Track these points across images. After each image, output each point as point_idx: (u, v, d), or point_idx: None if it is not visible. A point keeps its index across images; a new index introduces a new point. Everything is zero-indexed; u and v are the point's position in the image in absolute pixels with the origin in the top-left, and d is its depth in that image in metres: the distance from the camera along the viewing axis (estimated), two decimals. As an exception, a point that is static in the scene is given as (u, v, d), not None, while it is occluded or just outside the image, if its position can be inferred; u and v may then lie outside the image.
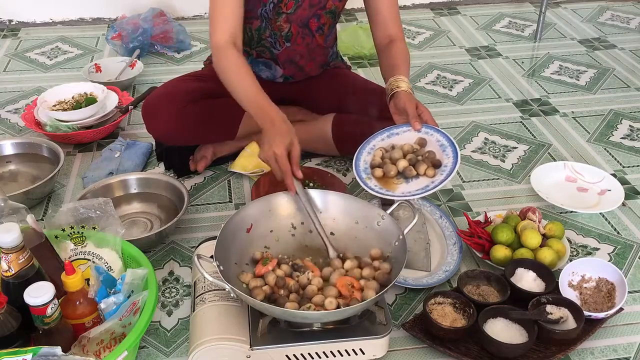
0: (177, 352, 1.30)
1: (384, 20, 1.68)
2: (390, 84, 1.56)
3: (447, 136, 1.42)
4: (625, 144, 1.99)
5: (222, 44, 1.52)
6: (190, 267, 1.50)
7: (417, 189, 1.37)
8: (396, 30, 1.68)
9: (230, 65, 1.51)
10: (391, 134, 1.49)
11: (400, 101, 1.50)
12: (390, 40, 1.68)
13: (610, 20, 2.91)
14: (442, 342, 1.26)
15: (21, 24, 2.87)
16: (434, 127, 1.46)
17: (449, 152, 1.40)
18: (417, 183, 1.40)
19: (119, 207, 1.64)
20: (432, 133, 1.45)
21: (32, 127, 1.94)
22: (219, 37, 1.52)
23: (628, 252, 1.56)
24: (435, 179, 1.38)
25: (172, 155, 1.83)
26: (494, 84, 2.35)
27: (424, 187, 1.37)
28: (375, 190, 1.39)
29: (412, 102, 1.50)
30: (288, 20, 1.65)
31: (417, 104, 1.50)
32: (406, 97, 1.50)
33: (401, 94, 1.51)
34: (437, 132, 1.44)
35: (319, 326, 1.22)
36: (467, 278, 1.38)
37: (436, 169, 1.40)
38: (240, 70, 1.50)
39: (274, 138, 1.35)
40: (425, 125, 1.47)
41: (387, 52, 1.67)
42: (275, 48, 1.71)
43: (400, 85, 1.54)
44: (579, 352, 1.29)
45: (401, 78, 1.56)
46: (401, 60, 1.64)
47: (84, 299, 1.18)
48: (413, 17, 2.94)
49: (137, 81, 2.36)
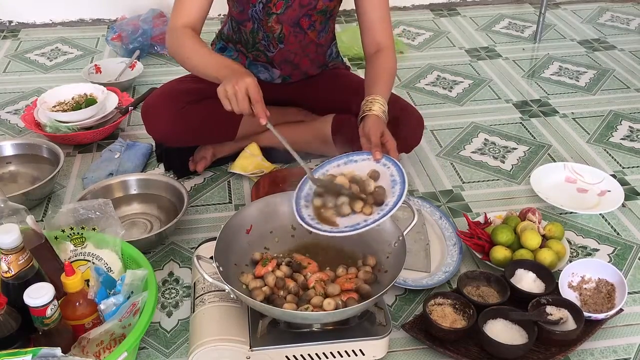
0: (177, 353, 1.30)
1: (372, 26, 1.62)
2: (364, 104, 1.50)
3: (402, 172, 1.30)
4: (625, 145, 1.99)
5: (178, 26, 1.53)
6: (190, 268, 1.50)
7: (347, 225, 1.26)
8: (384, 38, 1.63)
9: (184, 42, 1.51)
10: (349, 160, 1.38)
11: (366, 126, 1.42)
12: (378, 48, 1.63)
13: (610, 21, 2.91)
14: (442, 343, 1.26)
15: (21, 25, 2.87)
16: (393, 160, 1.34)
17: (397, 189, 1.28)
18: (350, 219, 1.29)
19: (119, 208, 1.64)
20: (389, 166, 1.33)
21: (32, 128, 1.94)
22: (175, 21, 1.54)
23: (628, 253, 1.56)
24: (369, 218, 1.26)
25: (171, 156, 1.83)
26: (493, 84, 2.35)
27: (353, 225, 1.25)
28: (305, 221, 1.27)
29: (378, 129, 1.41)
30: (279, 21, 1.65)
31: (383, 131, 1.41)
32: (373, 123, 1.42)
33: (370, 118, 1.44)
34: (395, 167, 1.32)
35: (318, 327, 1.22)
36: (467, 279, 1.38)
37: (377, 206, 1.28)
38: (195, 46, 1.50)
39: (241, 74, 1.36)
40: (385, 157, 1.35)
41: (371, 64, 1.62)
42: (269, 51, 1.71)
43: (373, 109, 1.46)
44: (579, 353, 1.29)
45: (376, 99, 1.48)
46: (383, 76, 1.57)
47: (83, 300, 1.18)
48: (413, 18, 2.94)
49: (137, 82, 2.36)
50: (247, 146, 1.83)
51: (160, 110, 1.68)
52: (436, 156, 1.93)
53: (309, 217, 1.29)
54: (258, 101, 1.34)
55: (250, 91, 1.34)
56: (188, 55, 1.52)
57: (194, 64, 1.52)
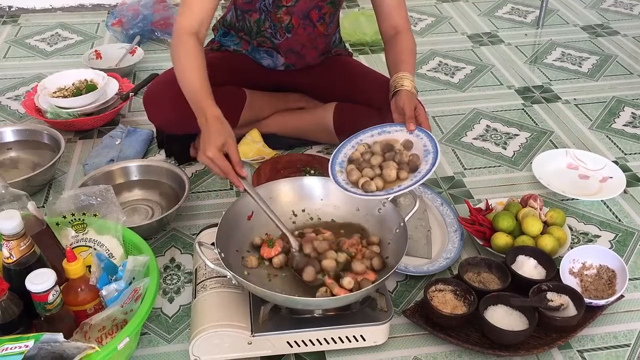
0: (178, 339, 1.30)
1: (389, 11, 1.64)
2: (394, 81, 1.53)
3: (435, 142, 1.37)
4: (627, 131, 1.98)
5: (183, 32, 1.50)
6: (191, 254, 1.51)
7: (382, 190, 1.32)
8: (402, 21, 1.65)
9: (184, 53, 1.49)
10: (382, 131, 1.44)
11: (400, 100, 1.46)
12: (396, 31, 1.65)
13: (613, 6, 2.89)
14: (442, 329, 1.26)
15: (21, 10, 2.85)
16: (425, 131, 1.40)
17: (429, 159, 1.34)
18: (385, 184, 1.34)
19: (120, 195, 1.64)
20: (422, 137, 1.39)
21: (32, 114, 1.94)
22: (182, 24, 1.51)
23: (629, 240, 1.55)
24: (403, 183, 1.31)
25: (173, 142, 1.83)
26: (496, 70, 2.34)
27: (387, 190, 1.31)
28: (341, 184, 1.34)
29: (411, 102, 1.45)
30: (288, 12, 1.64)
31: (416, 105, 1.47)
32: (407, 97, 1.46)
33: (403, 93, 1.48)
34: (427, 137, 1.39)
35: (320, 313, 1.23)
36: (468, 265, 1.38)
37: (411, 173, 1.34)
38: (192, 61, 1.47)
39: (207, 140, 1.32)
40: (418, 128, 1.41)
41: (392, 45, 1.64)
42: (275, 38, 1.70)
43: (404, 84, 1.50)
44: (579, 339, 1.29)
45: (405, 75, 1.52)
46: (406, 55, 1.60)
47: (85, 286, 1.18)
48: (415, 4, 2.92)
49: (137, 68, 2.35)
50: (248, 133, 1.82)
51: (161, 97, 1.67)
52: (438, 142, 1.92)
53: (344, 181, 1.34)
54: (228, 172, 1.30)
55: (217, 163, 1.30)
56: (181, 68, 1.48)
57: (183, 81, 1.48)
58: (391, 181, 1.32)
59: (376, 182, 1.31)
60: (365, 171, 1.34)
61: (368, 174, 1.33)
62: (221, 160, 1.30)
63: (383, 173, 1.33)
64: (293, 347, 1.22)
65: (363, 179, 1.32)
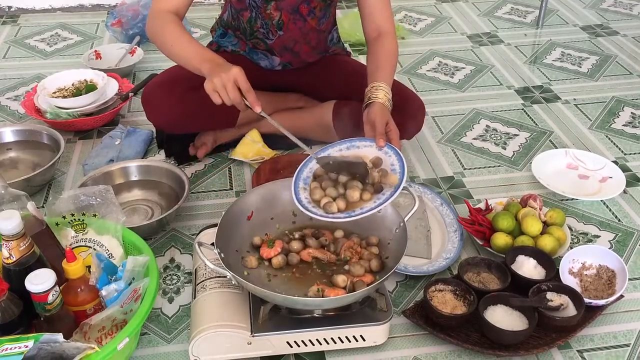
0: (178, 339, 1.30)
1: (372, 11, 1.61)
2: (369, 91, 1.49)
3: (403, 162, 1.31)
4: (627, 131, 1.98)
5: (161, 11, 1.50)
6: (191, 255, 1.51)
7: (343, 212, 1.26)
8: (385, 23, 1.62)
9: (166, 28, 1.48)
10: (351, 145, 1.38)
11: (372, 113, 1.42)
12: (378, 33, 1.62)
13: (613, 6, 2.89)
14: (442, 329, 1.26)
15: (20, 11, 2.85)
16: (394, 149, 1.34)
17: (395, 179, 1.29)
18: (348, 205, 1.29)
19: (120, 195, 1.64)
20: (390, 154, 1.34)
21: (32, 114, 1.94)
22: (159, 6, 1.51)
23: (629, 240, 1.56)
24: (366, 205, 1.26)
25: (172, 142, 1.83)
26: (495, 71, 2.34)
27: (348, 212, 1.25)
28: (302, 203, 1.28)
29: (383, 117, 1.41)
30: (277, 7, 1.63)
31: (388, 120, 1.42)
32: (379, 111, 1.42)
33: (375, 106, 1.43)
34: (396, 155, 1.33)
35: (319, 313, 1.23)
36: (467, 265, 1.38)
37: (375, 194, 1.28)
38: (177, 32, 1.47)
39: (226, 67, 1.33)
40: (387, 145, 1.35)
41: (373, 50, 1.61)
42: (268, 38, 1.70)
43: (378, 96, 1.46)
44: (579, 339, 1.29)
45: (380, 86, 1.48)
46: (385, 61, 1.56)
47: (85, 286, 1.18)
48: (415, 4, 2.92)
49: (137, 68, 2.35)
50: (247, 133, 1.82)
51: (160, 97, 1.67)
52: (437, 143, 1.93)
53: (306, 200, 1.29)
54: (248, 90, 1.32)
55: (239, 81, 1.32)
56: (169, 41, 1.48)
57: (175, 51, 1.47)
58: (354, 202, 1.26)
59: (338, 204, 1.25)
60: (329, 190, 1.28)
61: (331, 194, 1.27)
62: (244, 79, 1.31)
63: (346, 194, 1.27)
64: (293, 347, 1.22)
65: (325, 199, 1.26)
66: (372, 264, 1.26)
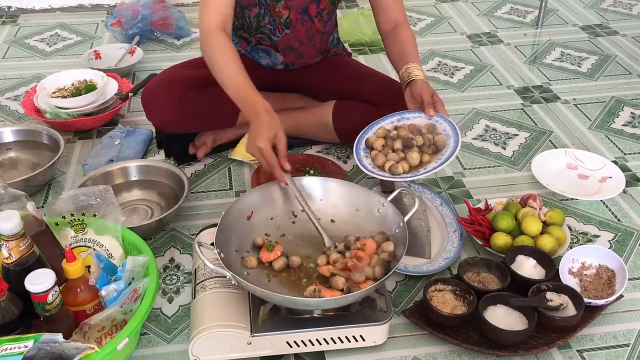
0: (178, 339, 1.30)
1: (387, 5, 1.65)
2: (405, 71, 1.55)
3: (454, 126, 1.44)
4: (626, 131, 1.98)
5: (212, 28, 1.49)
6: (190, 255, 1.51)
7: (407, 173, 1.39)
8: (400, 14, 1.66)
9: (219, 50, 1.48)
10: (402, 117, 1.50)
11: (417, 89, 1.50)
12: (395, 25, 1.65)
13: (613, 6, 2.89)
14: (442, 328, 1.26)
15: (20, 11, 2.85)
16: (444, 117, 1.47)
17: (451, 142, 1.42)
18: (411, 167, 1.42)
19: (119, 195, 1.64)
20: (441, 122, 1.46)
21: (31, 114, 1.94)
22: (209, 20, 1.50)
23: (628, 239, 1.56)
24: (428, 166, 1.39)
25: (172, 142, 1.83)
26: (495, 70, 2.34)
27: (414, 172, 1.39)
28: (368, 168, 1.40)
29: (429, 90, 1.50)
30: (287, 6, 1.64)
31: (433, 93, 1.51)
32: (423, 85, 1.50)
33: (418, 82, 1.51)
34: (446, 122, 1.45)
35: (319, 313, 1.22)
36: (467, 265, 1.38)
37: (435, 154, 1.42)
38: (228, 56, 1.47)
39: (259, 131, 1.33)
40: (437, 114, 1.48)
41: (393, 38, 1.65)
42: (274, 35, 1.70)
43: (417, 74, 1.53)
44: (579, 339, 1.29)
45: (415, 66, 1.54)
46: (410, 46, 1.62)
47: (84, 286, 1.18)
48: (414, 3, 2.92)
49: (136, 68, 2.35)
50: (247, 132, 1.82)
51: (160, 97, 1.67)
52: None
53: (370, 165, 1.39)
54: (274, 166, 1.33)
55: (265, 155, 1.32)
56: (219, 67, 1.47)
57: (223, 78, 1.46)
58: (415, 165, 1.39)
59: (402, 165, 1.37)
60: (390, 155, 1.40)
61: (393, 158, 1.39)
62: (269, 152, 1.32)
63: (407, 157, 1.39)
64: (292, 347, 1.22)
65: (389, 163, 1.38)
66: (376, 271, 1.23)
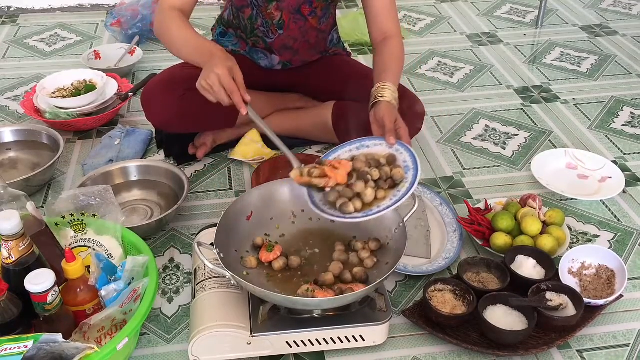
0: (178, 339, 1.30)
1: (379, 14, 1.61)
2: (375, 90, 1.48)
3: (415, 158, 1.30)
4: (626, 131, 1.98)
5: (167, 9, 1.50)
6: (190, 255, 1.51)
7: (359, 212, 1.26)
8: (391, 26, 1.61)
9: (171, 21, 1.48)
10: (361, 145, 1.37)
11: (380, 112, 1.41)
12: (385, 37, 1.61)
13: (612, 6, 2.89)
14: (442, 328, 1.26)
15: (20, 11, 2.85)
16: (405, 146, 1.34)
17: (410, 175, 1.28)
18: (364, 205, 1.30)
19: (119, 195, 1.64)
20: (402, 151, 1.33)
21: (31, 115, 1.94)
22: (165, 3, 1.52)
23: (628, 239, 1.56)
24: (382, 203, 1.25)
25: (172, 142, 1.83)
26: (495, 70, 2.34)
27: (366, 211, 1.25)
28: (318, 205, 1.28)
29: (392, 115, 1.40)
30: (279, 8, 1.64)
31: (397, 118, 1.41)
32: (387, 109, 1.41)
33: (382, 104, 1.42)
34: (407, 152, 1.32)
35: (319, 313, 1.22)
36: (467, 265, 1.38)
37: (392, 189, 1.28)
38: (181, 25, 1.47)
39: (215, 62, 1.32)
40: (398, 142, 1.35)
41: (379, 52, 1.60)
42: (268, 37, 1.70)
43: (385, 95, 1.45)
44: (579, 339, 1.29)
45: (387, 86, 1.47)
46: (392, 63, 1.56)
47: (84, 286, 1.18)
48: (414, 4, 2.92)
49: (136, 68, 2.35)
50: (247, 132, 1.82)
51: (159, 97, 1.67)
52: (437, 143, 1.93)
53: (321, 202, 1.29)
54: (233, 91, 1.31)
55: (223, 82, 1.31)
56: (173, 38, 1.49)
57: (179, 47, 1.48)
58: (369, 202, 1.25)
59: (354, 204, 1.24)
60: (344, 191, 1.27)
61: (346, 194, 1.26)
62: (228, 78, 1.30)
63: (360, 193, 1.25)
64: (292, 347, 1.22)
65: (341, 200, 1.25)
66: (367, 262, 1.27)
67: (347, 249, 1.32)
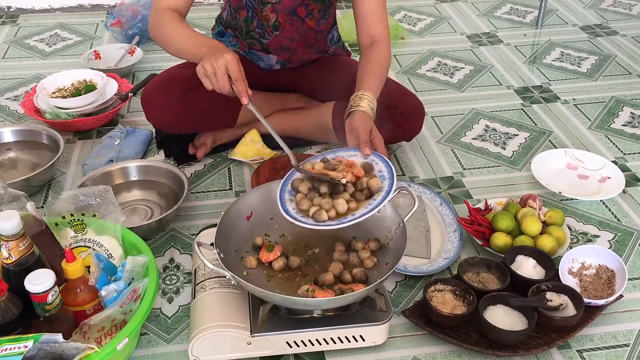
0: (178, 339, 1.30)
1: (367, 18, 1.58)
2: (352, 99, 1.45)
3: (391, 169, 1.28)
4: (626, 131, 1.98)
5: (164, 6, 1.50)
6: (190, 255, 1.51)
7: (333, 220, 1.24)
8: (379, 30, 1.58)
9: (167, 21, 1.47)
10: (336, 156, 1.35)
11: (354, 122, 1.38)
12: (372, 40, 1.59)
13: (612, 6, 2.89)
14: (442, 328, 1.26)
15: (20, 11, 2.85)
16: (381, 156, 1.32)
17: (385, 185, 1.26)
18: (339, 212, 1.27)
19: (119, 195, 1.64)
20: (377, 162, 1.31)
21: (31, 115, 1.94)
22: (160, 3, 1.51)
23: (628, 239, 1.56)
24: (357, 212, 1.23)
25: (172, 142, 1.83)
26: (495, 71, 2.34)
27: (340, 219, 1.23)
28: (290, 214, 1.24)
29: (366, 125, 1.37)
30: (274, 10, 1.63)
31: (372, 128, 1.39)
32: (361, 119, 1.38)
33: (357, 114, 1.40)
34: (383, 163, 1.30)
35: (319, 313, 1.22)
36: (467, 265, 1.38)
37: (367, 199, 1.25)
38: (177, 24, 1.46)
39: (223, 49, 1.32)
40: (373, 153, 1.33)
41: (364, 57, 1.58)
42: (264, 38, 1.70)
43: (361, 105, 1.42)
44: (579, 339, 1.29)
45: (365, 95, 1.44)
46: (374, 70, 1.52)
47: (84, 286, 1.18)
48: (414, 4, 2.92)
49: (136, 68, 2.35)
50: (247, 133, 1.82)
51: (159, 98, 1.67)
52: (437, 143, 1.93)
53: (294, 210, 1.26)
54: (238, 79, 1.31)
55: (230, 68, 1.31)
56: (170, 36, 1.48)
57: (176, 45, 1.47)
58: (343, 212, 1.23)
59: (329, 212, 1.22)
60: (317, 200, 1.25)
61: (320, 204, 1.24)
62: (237, 66, 1.30)
63: (334, 204, 1.23)
64: (292, 348, 1.22)
65: (314, 208, 1.23)
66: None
67: (347, 249, 1.33)
